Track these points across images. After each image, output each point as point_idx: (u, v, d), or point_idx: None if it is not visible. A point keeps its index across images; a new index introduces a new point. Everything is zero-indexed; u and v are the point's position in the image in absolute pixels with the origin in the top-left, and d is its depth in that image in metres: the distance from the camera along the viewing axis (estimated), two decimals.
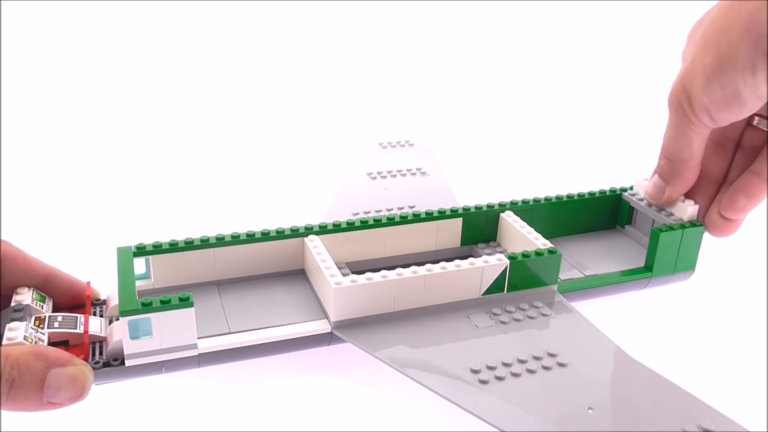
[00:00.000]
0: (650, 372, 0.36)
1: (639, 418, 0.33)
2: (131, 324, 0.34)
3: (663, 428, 0.32)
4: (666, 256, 0.47)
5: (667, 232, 0.46)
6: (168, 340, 0.35)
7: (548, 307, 0.42)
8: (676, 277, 0.48)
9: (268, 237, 0.44)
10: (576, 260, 0.49)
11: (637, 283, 0.48)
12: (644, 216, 0.51)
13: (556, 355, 0.37)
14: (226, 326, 0.39)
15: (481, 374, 0.35)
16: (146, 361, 0.35)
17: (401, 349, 0.37)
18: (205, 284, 0.44)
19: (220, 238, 0.43)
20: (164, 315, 0.34)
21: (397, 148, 0.65)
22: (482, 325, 0.40)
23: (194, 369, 0.37)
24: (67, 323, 0.36)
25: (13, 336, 0.33)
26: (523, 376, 0.35)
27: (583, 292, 0.46)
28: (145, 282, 0.42)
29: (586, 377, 0.35)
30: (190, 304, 0.35)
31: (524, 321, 0.40)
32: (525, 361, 0.36)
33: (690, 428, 0.31)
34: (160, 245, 0.42)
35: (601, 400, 0.34)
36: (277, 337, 0.39)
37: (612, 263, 0.49)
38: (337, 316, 0.39)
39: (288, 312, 0.41)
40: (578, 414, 0.33)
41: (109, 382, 0.36)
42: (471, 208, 0.48)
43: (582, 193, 0.52)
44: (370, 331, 0.39)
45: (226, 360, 0.38)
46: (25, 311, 0.35)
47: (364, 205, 0.54)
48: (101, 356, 0.36)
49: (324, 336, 0.39)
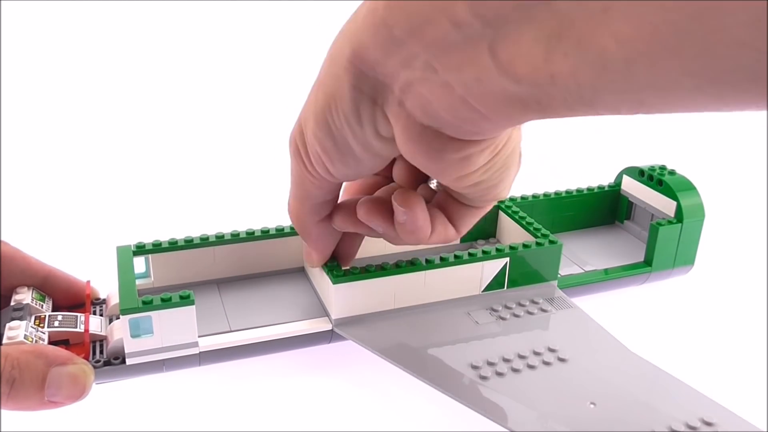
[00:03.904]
0: (651, 366, 0.36)
1: (641, 412, 0.33)
2: (132, 322, 0.34)
3: (665, 421, 0.32)
4: (665, 250, 0.47)
5: (666, 226, 0.46)
6: (169, 339, 0.35)
7: (548, 303, 0.42)
8: (676, 272, 0.48)
9: (267, 235, 0.44)
10: (575, 256, 0.49)
11: (637, 277, 0.48)
12: (643, 211, 0.51)
13: (556, 351, 0.37)
14: (226, 324, 0.39)
15: (481, 370, 0.35)
16: (147, 360, 0.35)
17: (402, 346, 0.37)
18: (205, 283, 0.44)
19: (220, 236, 0.43)
20: (165, 313, 0.34)
21: None
22: (482, 321, 0.40)
23: (195, 367, 0.37)
24: (67, 322, 0.36)
25: (14, 335, 0.33)
26: (523, 372, 0.35)
27: (582, 287, 0.46)
28: (144, 281, 0.42)
29: (587, 372, 0.35)
30: (191, 302, 0.35)
31: (524, 317, 0.40)
32: (525, 356, 0.36)
33: (692, 421, 0.31)
34: (159, 244, 0.42)
35: (602, 395, 0.34)
36: (277, 335, 0.39)
37: (611, 258, 0.49)
38: (337, 314, 0.39)
39: (288, 310, 0.41)
40: (580, 409, 0.33)
41: (110, 381, 0.36)
42: None
43: (581, 189, 0.52)
44: (370, 329, 0.39)
45: (227, 358, 0.38)
46: (25, 310, 0.35)
47: None
48: (102, 355, 0.36)
49: (325, 334, 0.39)
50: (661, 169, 0.50)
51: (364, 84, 0.25)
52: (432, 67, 0.23)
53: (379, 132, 0.27)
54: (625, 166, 0.53)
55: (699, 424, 0.31)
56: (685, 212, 0.47)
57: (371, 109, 0.26)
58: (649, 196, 0.50)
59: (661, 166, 0.50)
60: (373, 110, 0.26)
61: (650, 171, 0.50)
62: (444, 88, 0.23)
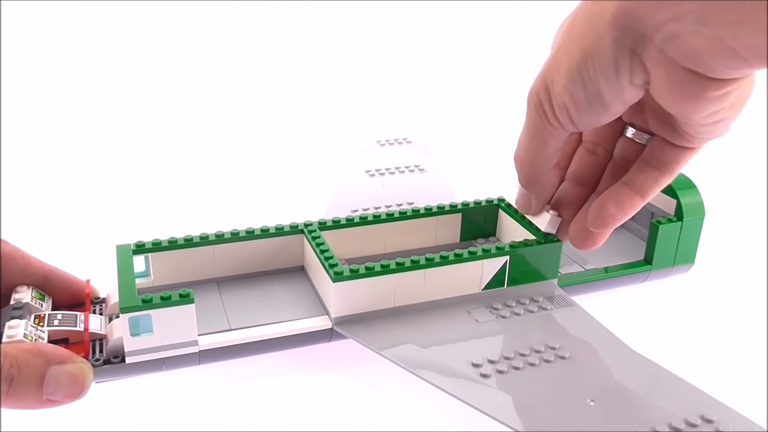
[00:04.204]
0: (651, 364, 0.36)
1: (640, 410, 0.33)
2: (132, 321, 0.34)
3: (665, 419, 0.32)
4: (665, 248, 0.47)
5: (666, 224, 0.46)
6: (168, 337, 0.35)
7: (548, 301, 0.42)
8: (676, 270, 0.48)
9: (267, 234, 0.43)
10: (575, 254, 0.49)
11: (637, 276, 0.48)
12: (643, 209, 0.51)
13: (556, 348, 0.37)
14: (226, 323, 0.39)
15: (482, 368, 0.35)
16: (147, 358, 0.35)
17: (402, 345, 0.37)
18: (205, 281, 0.43)
19: (220, 235, 0.43)
20: (165, 311, 0.34)
21: (395, 146, 0.65)
22: (483, 319, 0.40)
23: (195, 366, 0.37)
24: (67, 321, 0.36)
25: (13, 334, 0.33)
26: (524, 370, 0.35)
27: (582, 285, 0.46)
28: (144, 280, 0.42)
29: (587, 370, 0.35)
30: (190, 300, 0.35)
31: (524, 315, 0.40)
32: (526, 354, 0.36)
33: (692, 418, 0.31)
34: (159, 243, 0.42)
35: (602, 393, 0.34)
36: (277, 334, 0.39)
37: (611, 257, 0.49)
38: (337, 312, 0.39)
39: (288, 308, 0.41)
40: (580, 406, 0.33)
41: (110, 380, 0.36)
42: (470, 203, 0.48)
43: None
44: (370, 327, 0.39)
45: (227, 357, 0.38)
46: (24, 309, 0.35)
47: (363, 202, 0.54)
48: (101, 354, 0.36)
49: (325, 332, 0.39)
50: None
51: (627, 37, 0.29)
52: (704, 21, 0.25)
53: (633, 80, 0.30)
54: None
55: (699, 422, 0.31)
56: (685, 210, 0.47)
57: (630, 59, 0.29)
58: None
59: None
60: (631, 60, 0.29)
61: None
62: (715, 41, 0.25)
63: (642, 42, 0.28)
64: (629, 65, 0.29)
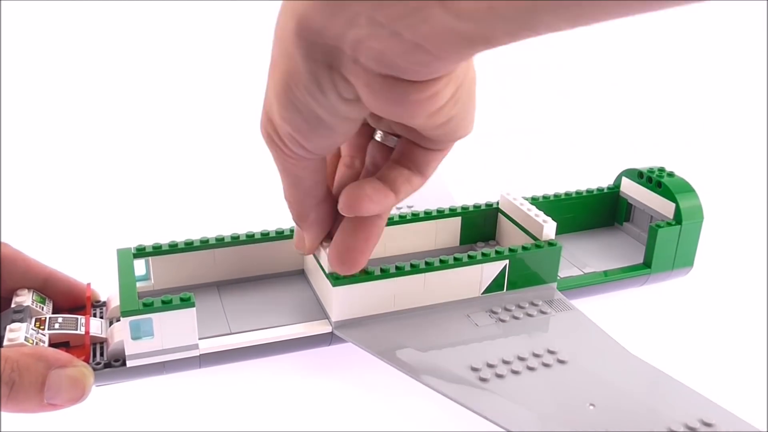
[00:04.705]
0: (650, 367, 0.36)
1: (640, 414, 0.33)
2: (133, 324, 0.34)
3: (664, 423, 0.32)
4: (664, 252, 0.47)
5: (665, 228, 0.46)
6: (169, 341, 0.35)
7: (548, 305, 0.42)
8: (675, 273, 0.49)
9: (267, 237, 0.44)
10: (575, 258, 0.49)
11: (636, 279, 0.48)
12: (642, 213, 0.51)
13: (556, 353, 0.37)
14: (226, 327, 0.39)
15: (481, 372, 0.35)
16: (147, 362, 0.35)
17: (402, 349, 0.37)
18: (205, 285, 0.44)
19: (220, 239, 0.43)
20: (166, 315, 0.35)
21: None
22: (482, 323, 0.40)
23: (195, 369, 0.37)
24: (67, 324, 0.36)
25: (14, 337, 0.33)
26: (523, 374, 0.35)
27: (582, 289, 0.46)
28: (145, 283, 0.42)
29: (586, 374, 0.36)
30: (191, 304, 0.35)
31: (524, 319, 0.40)
32: (525, 358, 0.36)
33: (691, 422, 0.32)
34: (159, 246, 0.42)
35: (602, 397, 0.34)
36: (277, 338, 0.39)
37: (611, 260, 0.49)
38: (337, 316, 0.39)
39: (288, 312, 0.41)
40: (579, 410, 0.33)
41: (111, 383, 0.36)
42: (469, 207, 0.48)
43: (580, 191, 0.52)
44: (370, 331, 0.39)
45: (228, 360, 0.38)
46: (25, 313, 0.35)
47: None
48: (102, 357, 0.36)
49: (325, 336, 0.39)
50: (660, 171, 0.50)
51: (316, 52, 0.26)
52: (377, 20, 0.23)
53: (342, 95, 0.28)
54: (624, 168, 0.53)
55: (698, 425, 0.31)
56: (684, 214, 0.47)
57: (329, 74, 0.27)
58: (648, 198, 0.50)
59: (660, 168, 0.51)
60: (330, 75, 0.27)
61: (649, 173, 0.50)
62: (393, 38, 0.24)
63: (336, 55, 0.26)
64: (331, 81, 0.27)
